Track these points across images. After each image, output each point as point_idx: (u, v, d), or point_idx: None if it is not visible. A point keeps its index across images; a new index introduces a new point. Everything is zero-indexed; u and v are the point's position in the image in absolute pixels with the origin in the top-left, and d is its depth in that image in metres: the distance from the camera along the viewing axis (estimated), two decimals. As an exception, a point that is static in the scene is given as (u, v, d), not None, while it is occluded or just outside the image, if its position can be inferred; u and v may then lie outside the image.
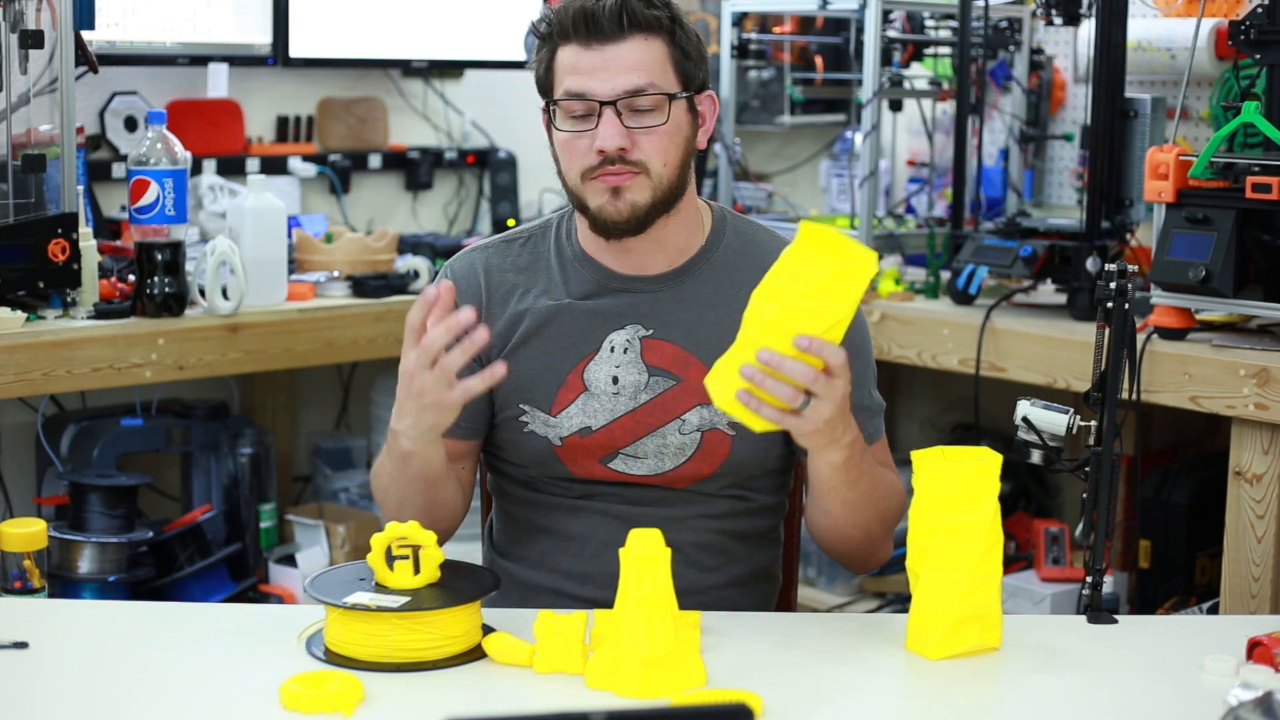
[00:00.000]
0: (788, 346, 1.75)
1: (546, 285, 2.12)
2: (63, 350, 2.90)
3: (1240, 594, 2.68)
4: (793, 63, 3.90)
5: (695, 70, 2.07)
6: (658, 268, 2.11)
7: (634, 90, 2.00)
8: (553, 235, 2.16)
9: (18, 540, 2.48)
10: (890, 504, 2.07)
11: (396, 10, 3.95)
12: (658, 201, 2.04)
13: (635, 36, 2.00)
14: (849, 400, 1.84)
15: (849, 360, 2.03)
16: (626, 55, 2.00)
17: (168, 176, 3.01)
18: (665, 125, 2.02)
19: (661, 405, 2.08)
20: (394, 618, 1.75)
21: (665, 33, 2.02)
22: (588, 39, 2.00)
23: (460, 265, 2.16)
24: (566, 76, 2.02)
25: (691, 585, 2.01)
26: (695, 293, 2.11)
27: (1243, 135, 2.86)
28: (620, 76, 2.00)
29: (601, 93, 2.00)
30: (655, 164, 2.02)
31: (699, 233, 2.14)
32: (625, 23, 1.99)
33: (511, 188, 4.21)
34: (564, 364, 2.09)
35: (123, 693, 1.70)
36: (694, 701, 1.66)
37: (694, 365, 2.07)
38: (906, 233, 3.53)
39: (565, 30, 2.01)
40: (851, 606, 3.59)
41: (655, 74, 2.01)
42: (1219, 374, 2.70)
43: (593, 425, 2.07)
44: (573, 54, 2.01)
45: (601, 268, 2.12)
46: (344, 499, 3.77)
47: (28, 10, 2.91)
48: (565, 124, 2.03)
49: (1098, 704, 1.73)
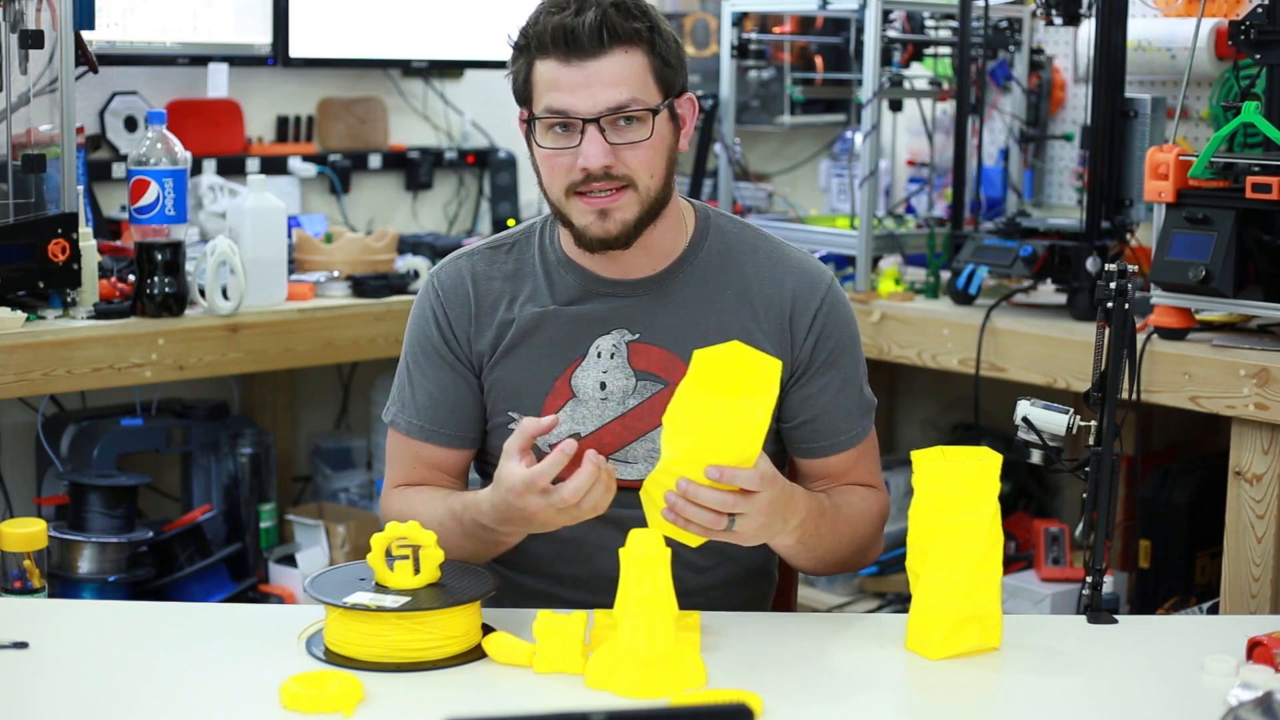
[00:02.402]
0: (701, 475, 1.78)
1: (532, 291, 2.11)
2: (63, 350, 2.90)
3: (1240, 594, 2.68)
4: (793, 63, 3.90)
5: (675, 77, 2.03)
6: (642, 272, 2.10)
7: (617, 107, 1.97)
8: (536, 241, 2.15)
9: (18, 540, 2.48)
10: (864, 527, 2.11)
11: (396, 10, 3.95)
12: (645, 215, 2.02)
13: (616, 50, 1.97)
14: (781, 502, 1.85)
15: (838, 358, 2.03)
16: (607, 71, 1.96)
17: (168, 176, 3.01)
18: (649, 139, 1.99)
19: (650, 409, 2.07)
20: (394, 618, 1.75)
21: (645, 43, 1.98)
22: (567, 55, 1.97)
23: (448, 274, 2.14)
24: (547, 93, 1.99)
25: (688, 586, 2.01)
26: (680, 295, 2.10)
27: (1243, 135, 2.86)
28: (602, 93, 1.96)
29: (584, 110, 1.96)
30: (642, 177, 2.00)
31: (682, 234, 2.12)
32: (605, 37, 1.95)
33: (511, 188, 4.21)
34: (551, 371, 2.09)
35: (123, 693, 1.70)
36: (694, 701, 1.66)
37: (681, 368, 2.06)
38: (906, 233, 3.52)
39: (544, 44, 1.98)
40: (851, 606, 3.59)
41: (637, 87, 1.98)
42: (1219, 374, 2.70)
43: (582, 432, 2.07)
44: (552, 69, 1.98)
45: (586, 273, 2.10)
46: (344, 499, 3.77)
47: (28, 10, 2.91)
48: (546, 140, 2.00)
49: (1098, 704, 1.73)
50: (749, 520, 1.81)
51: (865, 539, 2.11)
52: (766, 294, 2.10)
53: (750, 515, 1.81)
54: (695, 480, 1.78)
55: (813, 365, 2.11)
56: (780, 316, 2.10)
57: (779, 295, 2.10)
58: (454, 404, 2.10)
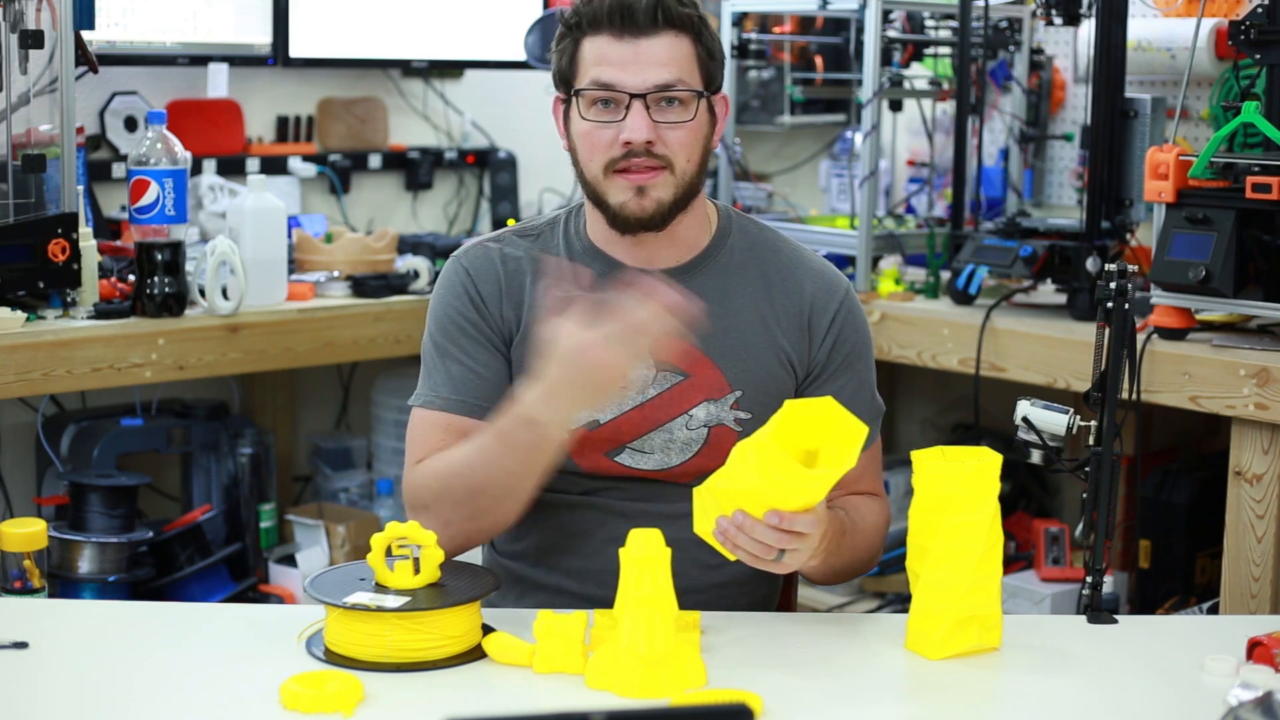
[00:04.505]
0: (760, 514, 1.80)
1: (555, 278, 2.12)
2: (63, 350, 2.90)
3: (1240, 594, 2.68)
4: (793, 63, 3.90)
5: (716, 71, 2.08)
6: (667, 262, 2.12)
7: (664, 85, 2.01)
8: (560, 230, 2.16)
9: (18, 540, 2.48)
10: (873, 539, 2.14)
11: (396, 10, 3.95)
12: (679, 198, 2.05)
13: (667, 32, 2.02)
14: (825, 535, 1.88)
15: (854, 363, 2.05)
16: (658, 50, 2.01)
17: (168, 176, 3.01)
18: (692, 121, 2.03)
19: (669, 400, 2.08)
20: (394, 618, 1.75)
21: (694, 31, 2.04)
22: (620, 31, 2.01)
23: (476, 255, 2.15)
24: (594, 67, 2.02)
25: (694, 583, 2.02)
26: (703, 289, 2.11)
27: (1243, 135, 2.86)
28: (651, 70, 2.01)
29: (632, 85, 2.00)
30: (680, 160, 2.03)
31: (707, 229, 2.15)
32: (660, 17, 2.01)
33: (511, 188, 4.21)
34: None
35: (123, 693, 1.70)
36: (694, 701, 1.66)
37: (701, 361, 2.08)
38: (906, 233, 3.52)
39: (597, 20, 2.02)
40: (851, 606, 3.59)
41: (684, 71, 2.02)
42: (1219, 374, 2.70)
43: (600, 419, 2.07)
44: (603, 45, 2.02)
45: (611, 260, 2.12)
46: (344, 499, 3.77)
47: (28, 10, 2.91)
48: (590, 114, 2.03)
49: (1098, 704, 1.73)
50: (798, 555, 1.85)
51: (874, 551, 2.15)
52: (786, 294, 2.13)
53: (800, 551, 1.84)
54: (753, 516, 1.80)
55: (829, 368, 2.13)
56: (799, 317, 2.12)
57: (799, 297, 2.13)
58: (492, 377, 2.09)
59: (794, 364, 2.12)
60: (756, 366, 2.10)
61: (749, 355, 2.10)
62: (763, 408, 2.02)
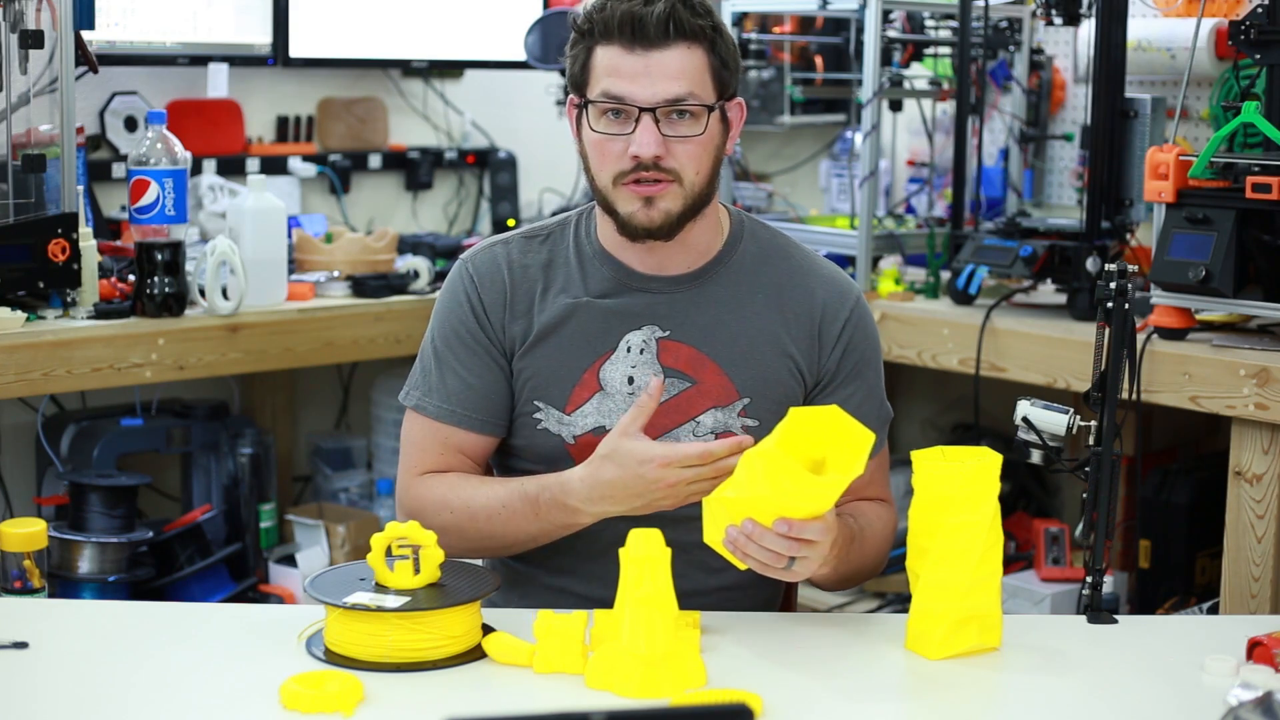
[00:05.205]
0: (769, 522, 1.80)
1: (565, 283, 2.11)
2: (63, 350, 2.90)
3: (1240, 594, 2.67)
4: (793, 63, 3.90)
5: (731, 79, 2.06)
6: (677, 269, 2.11)
7: (674, 99, 1.99)
8: (571, 233, 2.15)
9: (18, 540, 2.48)
10: (881, 546, 2.15)
11: (396, 10, 3.95)
12: (688, 209, 2.04)
13: (679, 44, 1.99)
14: (835, 543, 1.88)
15: (864, 370, 2.05)
16: (669, 63, 1.99)
17: (168, 176, 3.01)
18: (701, 135, 2.01)
19: (676, 407, 2.08)
20: (394, 618, 1.75)
21: (707, 42, 2.01)
22: (631, 43, 1.99)
23: (483, 260, 2.14)
24: (605, 78, 2.00)
25: (697, 586, 2.02)
26: (713, 295, 2.11)
27: (1243, 135, 2.86)
28: (661, 84, 1.98)
29: (642, 99, 1.98)
30: (688, 173, 2.02)
31: (718, 236, 2.14)
32: (671, 30, 1.98)
33: (511, 188, 4.21)
34: (580, 362, 2.09)
35: (123, 693, 1.70)
36: (694, 701, 1.66)
37: (709, 368, 2.07)
38: (906, 233, 3.52)
39: (609, 30, 2.00)
40: (851, 606, 3.59)
41: (695, 83, 2.00)
42: (1219, 374, 2.70)
43: (607, 425, 2.07)
44: (614, 55, 2.00)
45: (621, 266, 2.11)
46: (344, 499, 3.77)
47: (28, 10, 2.91)
48: (599, 125, 2.02)
49: (1098, 704, 1.73)
50: (808, 563, 1.85)
51: (881, 557, 2.16)
52: (798, 301, 2.12)
53: (810, 559, 1.84)
54: (762, 524, 1.80)
55: (839, 375, 2.12)
56: (810, 324, 2.12)
57: (810, 303, 2.12)
58: (487, 390, 2.10)
59: (803, 372, 2.11)
60: (765, 374, 2.09)
61: (757, 363, 2.09)
62: (770, 415, 2.02)
